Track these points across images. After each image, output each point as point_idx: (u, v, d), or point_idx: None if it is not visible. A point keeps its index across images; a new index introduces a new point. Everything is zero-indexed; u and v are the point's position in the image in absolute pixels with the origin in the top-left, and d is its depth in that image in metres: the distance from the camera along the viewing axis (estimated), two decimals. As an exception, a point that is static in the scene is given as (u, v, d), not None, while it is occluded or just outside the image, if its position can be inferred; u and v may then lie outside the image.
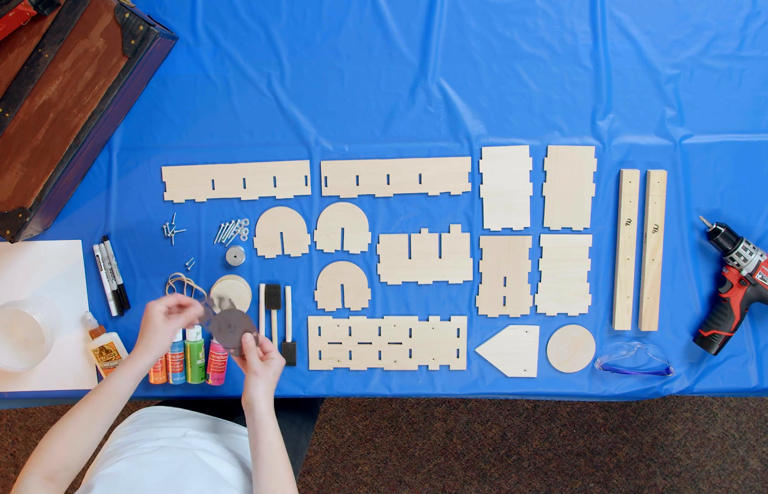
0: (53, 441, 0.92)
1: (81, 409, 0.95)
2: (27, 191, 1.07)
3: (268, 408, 0.99)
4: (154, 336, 1.00)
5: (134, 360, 0.99)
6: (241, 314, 1.05)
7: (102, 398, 0.96)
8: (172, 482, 0.91)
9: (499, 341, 1.23)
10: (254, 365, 1.01)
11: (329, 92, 1.17)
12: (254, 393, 0.99)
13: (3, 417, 2.19)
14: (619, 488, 2.17)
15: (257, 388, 1.00)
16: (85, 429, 0.94)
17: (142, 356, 0.99)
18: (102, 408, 0.95)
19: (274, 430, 0.98)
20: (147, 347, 0.99)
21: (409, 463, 2.18)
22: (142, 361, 0.99)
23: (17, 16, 0.98)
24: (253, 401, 0.99)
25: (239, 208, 1.20)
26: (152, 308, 1.01)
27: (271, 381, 1.02)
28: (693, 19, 1.15)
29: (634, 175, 1.16)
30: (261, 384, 1.00)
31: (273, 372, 1.02)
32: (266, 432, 0.97)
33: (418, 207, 1.19)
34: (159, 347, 1.00)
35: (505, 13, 1.15)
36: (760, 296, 1.15)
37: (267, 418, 0.98)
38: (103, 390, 0.96)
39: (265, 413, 0.98)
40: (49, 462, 0.90)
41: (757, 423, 2.12)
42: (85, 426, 0.94)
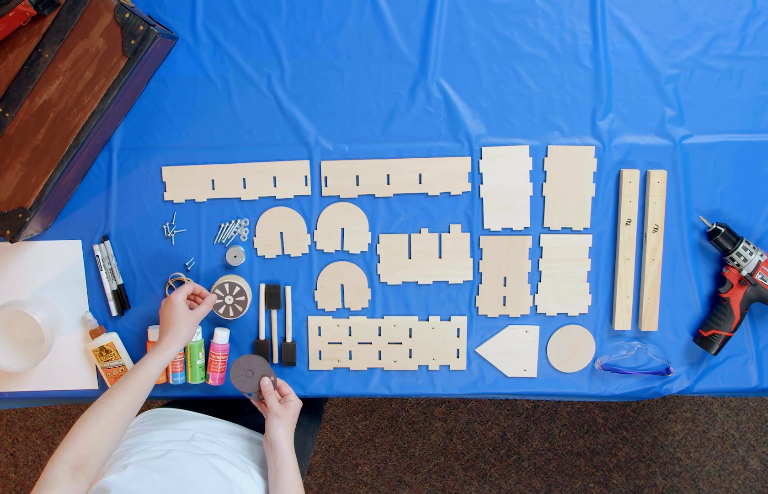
0: (85, 428, 0.92)
1: (114, 395, 0.96)
2: (27, 191, 1.07)
3: (289, 448, 1.04)
4: (181, 327, 1.06)
5: (165, 349, 1.03)
6: (258, 359, 1.10)
7: (136, 383, 0.98)
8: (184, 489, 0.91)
9: (499, 341, 1.23)
10: (274, 408, 1.07)
11: (329, 92, 1.17)
12: (276, 435, 1.04)
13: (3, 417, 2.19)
14: (619, 488, 2.17)
15: (278, 430, 1.05)
16: (119, 415, 0.95)
17: (172, 345, 1.04)
18: (135, 393, 0.98)
19: (294, 469, 1.03)
20: (175, 338, 1.05)
21: (409, 463, 2.18)
22: (172, 350, 1.04)
23: (17, 16, 0.98)
24: (275, 442, 1.04)
25: (239, 208, 1.20)
26: (175, 300, 1.07)
27: (291, 422, 1.07)
28: (693, 19, 1.15)
29: (634, 175, 1.16)
30: (281, 426, 1.05)
31: (292, 414, 1.08)
32: (287, 471, 1.02)
33: (418, 207, 1.19)
34: (186, 337, 1.06)
35: (505, 13, 1.15)
36: (760, 296, 1.15)
37: (288, 457, 1.03)
38: (137, 376, 0.99)
39: (287, 452, 1.04)
40: (80, 449, 0.90)
41: (757, 423, 2.12)
42: (120, 411, 0.95)
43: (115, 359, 1.20)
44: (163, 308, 1.08)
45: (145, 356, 1.02)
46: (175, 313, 1.06)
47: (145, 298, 1.22)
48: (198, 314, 1.09)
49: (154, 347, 1.04)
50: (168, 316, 1.07)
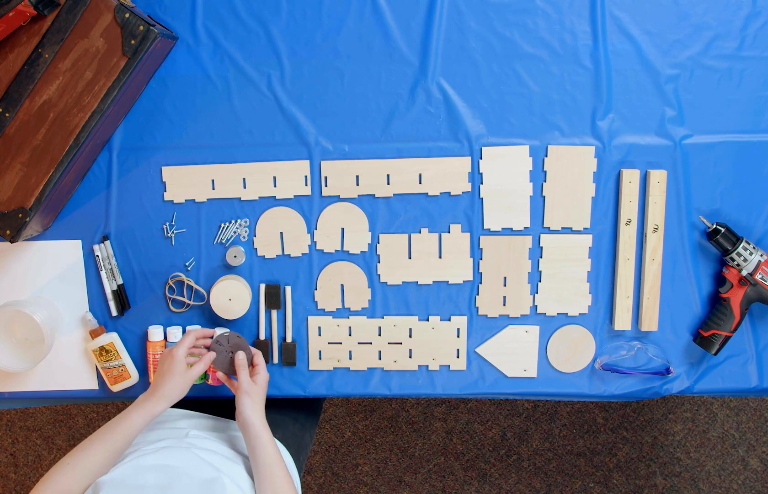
0: (63, 473, 0.93)
1: (94, 445, 0.96)
2: (27, 191, 1.07)
3: (261, 424, 1.03)
4: (174, 386, 1.02)
5: (152, 405, 1.00)
6: (241, 340, 1.09)
7: (116, 436, 0.97)
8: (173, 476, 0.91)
9: (499, 341, 1.23)
10: (244, 384, 1.04)
11: (329, 92, 1.17)
12: (246, 412, 1.02)
13: (3, 417, 2.19)
14: (619, 488, 2.17)
15: (248, 407, 1.03)
16: (96, 464, 0.95)
17: (160, 403, 1.00)
18: (114, 446, 0.97)
19: (270, 444, 1.02)
20: (165, 396, 1.01)
21: (409, 463, 2.18)
22: (159, 407, 1.00)
23: (17, 16, 0.98)
24: (246, 421, 1.02)
25: (239, 208, 1.20)
26: (176, 354, 1.03)
27: (260, 396, 1.05)
28: (693, 19, 1.15)
29: (634, 175, 1.16)
30: (250, 403, 1.03)
31: (261, 388, 1.06)
32: (264, 449, 1.01)
33: (418, 207, 1.19)
34: (177, 396, 1.02)
35: (505, 13, 1.15)
36: (760, 296, 1.15)
37: (262, 434, 1.02)
38: (117, 429, 0.98)
39: (260, 429, 1.02)
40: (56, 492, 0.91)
41: (757, 423, 2.12)
42: (96, 461, 0.95)
43: (115, 360, 1.20)
44: (162, 359, 1.04)
45: (131, 406, 1.00)
46: (173, 370, 1.02)
47: (145, 298, 1.22)
48: (194, 374, 1.04)
49: (143, 399, 1.00)
50: (165, 370, 1.02)
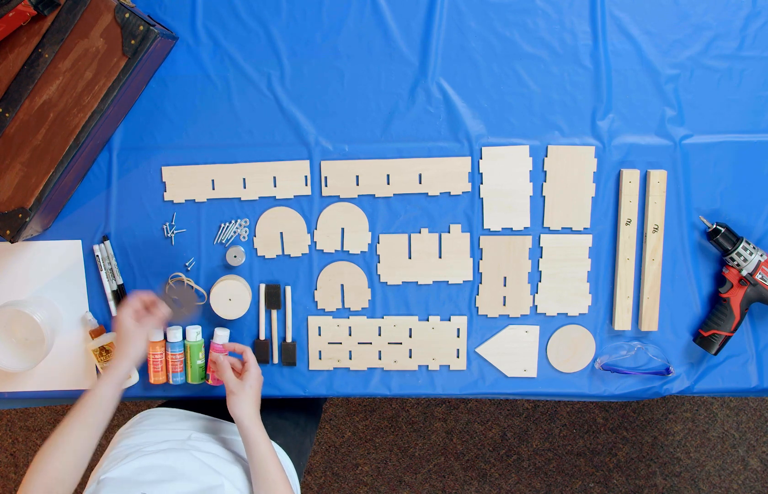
0: (45, 460, 0.93)
1: (69, 424, 0.96)
2: (27, 191, 1.07)
3: (252, 422, 1.02)
4: (129, 342, 1.03)
5: (114, 368, 1.02)
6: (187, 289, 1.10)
7: (89, 410, 0.98)
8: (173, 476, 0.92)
9: (499, 341, 1.23)
10: (229, 384, 1.05)
11: (329, 92, 1.17)
12: (236, 411, 1.03)
13: (3, 417, 2.19)
14: (619, 488, 2.17)
15: (236, 407, 1.03)
16: (76, 443, 0.96)
17: (121, 363, 1.02)
18: (90, 420, 0.97)
19: (263, 441, 1.02)
20: (124, 354, 1.03)
21: (409, 463, 2.18)
22: (122, 368, 1.02)
23: (17, 16, 0.98)
24: (236, 418, 1.03)
25: (239, 208, 1.20)
26: (120, 316, 1.04)
27: (249, 395, 1.05)
28: (693, 19, 1.15)
29: (634, 175, 1.16)
30: (238, 402, 1.03)
31: (249, 386, 1.05)
32: (256, 446, 1.01)
33: (418, 207, 1.19)
34: (135, 352, 1.04)
35: (505, 13, 1.15)
36: (760, 296, 1.15)
37: (253, 431, 1.02)
38: (88, 403, 0.98)
39: (249, 428, 1.02)
40: (45, 480, 0.92)
41: (757, 423, 2.12)
42: (76, 440, 0.96)
43: (115, 359, 1.20)
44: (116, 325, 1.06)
45: (98, 379, 1.01)
46: (122, 330, 1.04)
47: (145, 298, 1.22)
48: (146, 328, 1.05)
49: (106, 368, 1.02)
50: (117, 333, 1.05)
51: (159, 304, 1.08)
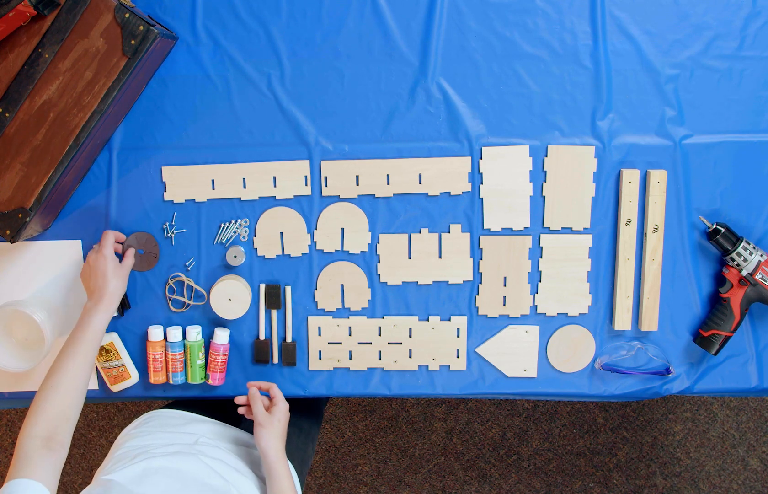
0: (47, 399, 0.94)
1: (67, 359, 0.99)
2: (27, 191, 1.07)
3: (277, 455, 1.03)
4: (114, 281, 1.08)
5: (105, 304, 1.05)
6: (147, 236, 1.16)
7: (86, 345, 1.01)
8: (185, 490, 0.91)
9: (499, 341, 1.23)
10: (258, 417, 1.06)
11: (329, 92, 1.17)
12: (262, 444, 1.04)
13: (3, 417, 2.19)
14: (619, 488, 2.17)
15: (263, 439, 1.04)
16: (77, 377, 0.98)
17: (112, 302, 1.06)
18: (86, 353, 1.01)
19: (285, 476, 1.03)
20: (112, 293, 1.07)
21: (409, 463, 2.18)
22: (113, 306, 1.07)
23: (17, 16, 0.98)
24: (261, 451, 1.04)
25: (239, 208, 1.20)
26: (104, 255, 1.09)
27: (277, 429, 1.06)
28: (693, 19, 1.15)
29: (634, 175, 1.16)
30: (266, 435, 1.04)
31: (277, 420, 1.06)
32: (278, 480, 1.02)
33: (418, 207, 1.19)
34: (121, 290, 1.09)
35: (505, 13, 1.15)
36: (760, 296, 1.15)
37: (277, 465, 1.03)
38: (85, 336, 1.01)
39: (274, 460, 1.03)
40: (47, 420, 0.92)
41: (757, 423, 2.12)
42: (76, 374, 0.98)
43: (115, 359, 1.20)
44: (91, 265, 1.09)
45: (84, 313, 1.04)
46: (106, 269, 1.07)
47: (145, 298, 1.22)
48: (127, 266, 1.12)
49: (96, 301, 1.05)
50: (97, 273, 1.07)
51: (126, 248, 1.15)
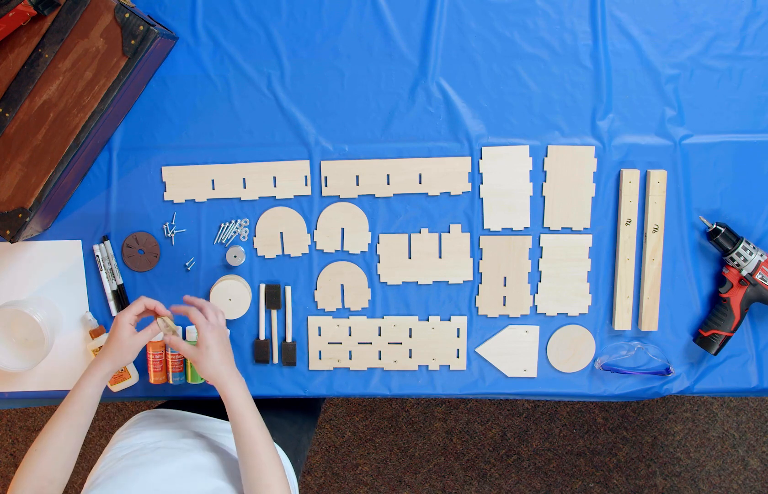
0: (35, 460, 0.94)
1: (57, 423, 0.97)
2: (27, 191, 1.07)
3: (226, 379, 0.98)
4: (120, 351, 1.00)
5: (101, 368, 1.00)
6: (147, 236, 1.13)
7: (76, 408, 0.98)
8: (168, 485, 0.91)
9: (499, 341, 1.23)
10: (188, 355, 1.00)
11: (329, 92, 1.17)
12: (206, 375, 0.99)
13: (3, 417, 2.19)
14: (619, 488, 2.17)
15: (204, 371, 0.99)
16: (65, 442, 0.96)
17: (105, 364, 1.00)
18: (77, 417, 0.98)
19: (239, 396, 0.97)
20: (113, 359, 1.00)
21: (409, 463, 2.18)
22: (106, 369, 1.00)
23: (17, 16, 0.98)
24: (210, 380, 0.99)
25: (239, 208, 1.20)
26: (120, 321, 1.01)
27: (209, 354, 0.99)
28: (693, 19, 1.15)
29: (634, 175, 1.16)
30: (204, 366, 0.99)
31: (205, 346, 0.99)
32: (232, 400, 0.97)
33: (418, 207, 1.19)
34: (124, 360, 1.01)
35: (505, 13, 1.15)
36: (760, 296, 1.15)
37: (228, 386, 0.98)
38: (74, 401, 0.98)
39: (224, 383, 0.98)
40: (35, 480, 0.93)
41: (757, 423, 2.12)
42: (64, 439, 0.96)
43: (115, 359, 1.20)
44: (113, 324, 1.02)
45: (83, 375, 1.00)
46: (119, 335, 1.00)
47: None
48: (140, 341, 1.02)
49: (91, 365, 1.00)
50: (112, 334, 1.01)
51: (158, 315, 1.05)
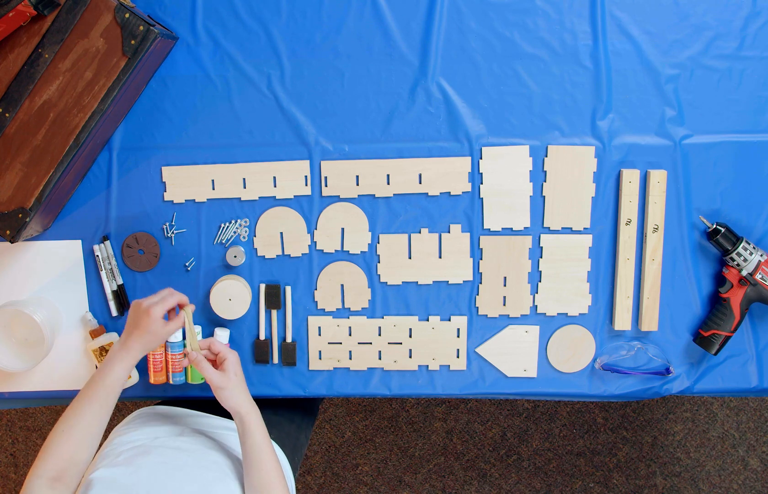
0: (59, 441, 0.93)
1: (83, 403, 0.96)
2: (27, 191, 1.07)
3: (249, 410, 1.01)
4: (152, 340, 1.01)
5: (132, 350, 1.00)
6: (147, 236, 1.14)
7: (103, 390, 0.97)
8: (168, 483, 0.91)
9: (499, 341, 1.23)
10: (214, 380, 1.02)
11: (329, 92, 1.17)
12: (230, 404, 1.01)
13: (3, 417, 2.19)
14: (619, 488, 2.17)
15: (229, 400, 1.02)
16: (91, 424, 0.96)
17: (139, 350, 1.01)
18: (104, 399, 0.97)
19: (260, 429, 1.00)
20: (144, 346, 1.01)
21: (409, 463, 2.18)
22: (139, 354, 1.01)
23: (17, 16, 0.98)
24: (232, 410, 1.01)
25: (239, 208, 1.20)
26: (153, 313, 1.01)
27: (236, 383, 1.03)
28: (693, 19, 1.15)
29: (634, 175, 1.16)
30: (230, 395, 1.02)
31: (233, 373, 1.03)
32: (251, 435, 1.00)
33: (418, 207, 1.19)
34: (152, 347, 1.02)
35: (505, 13, 1.15)
36: (760, 296, 1.15)
37: (249, 418, 1.00)
38: (103, 382, 0.98)
39: (246, 414, 1.01)
40: (57, 462, 0.92)
41: (757, 423, 2.12)
42: (90, 420, 0.96)
43: (115, 359, 1.20)
44: (137, 311, 1.02)
45: (109, 356, 0.99)
46: (151, 326, 1.00)
47: (145, 298, 1.22)
48: (169, 330, 1.03)
49: (120, 348, 1.00)
50: (141, 324, 1.01)
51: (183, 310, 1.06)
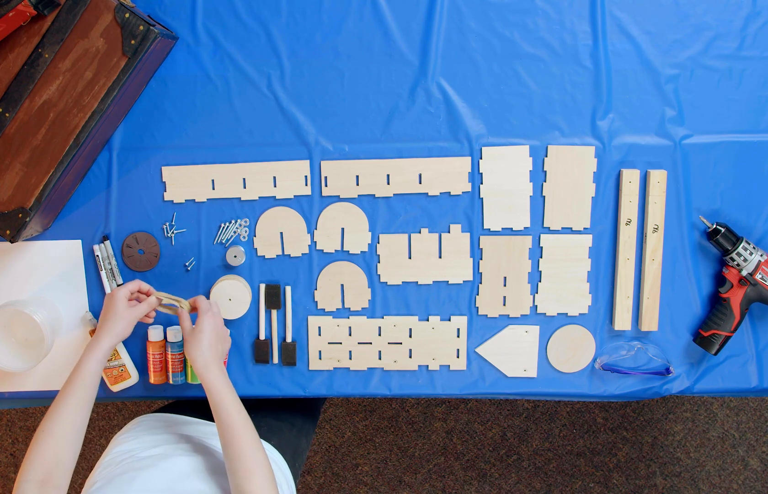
0: (41, 444, 0.94)
1: (60, 405, 0.97)
2: (27, 191, 1.07)
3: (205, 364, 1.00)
4: (117, 322, 1.03)
5: (100, 344, 1.02)
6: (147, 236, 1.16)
7: (77, 388, 0.98)
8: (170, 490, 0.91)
9: (499, 341, 1.23)
10: (184, 332, 1.05)
11: (329, 92, 1.17)
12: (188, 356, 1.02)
13: (3, 417, 2.19)
14: (619, 488, 2.17)
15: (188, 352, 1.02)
16: (70, 423, 0.96)
17: (107, 339, 1.02)
18: (80, 397, 0.98)
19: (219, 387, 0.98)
20: (111, 332, 1.03)
21: (409, 463, 2.18)
22: (107, 344, 1.02)
23: (17, 16, 0.98)
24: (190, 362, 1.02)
25: (239, 208, 1.20)
26: (116, 294, 1.05)
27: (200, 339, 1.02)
28: (693, 19, 1.15)
29: (634, 175, 1.16)
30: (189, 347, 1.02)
31: (199, 330, 1.03)
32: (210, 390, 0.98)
33: (418, 207, 1.19)
34: (121, 332, 1.04)
35: (505, 13, 1.15)
36: (760, 296, 1.15)
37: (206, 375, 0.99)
38: (77, 381, 0.99)
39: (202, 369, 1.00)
40: (42, 465, 0.92)
41: (757, 423, 2.12)
42: (69, 420, 0.96)
43: (115, 360, 1.20)
44: (106, 301, 1.06)
45: (82, 356, 1.01)
46: (115, 307, 1.04)
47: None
48: (137, 312, 1.06)
49: (90, 343, 1.02)
50: (105, 310, 1.05)
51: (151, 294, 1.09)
